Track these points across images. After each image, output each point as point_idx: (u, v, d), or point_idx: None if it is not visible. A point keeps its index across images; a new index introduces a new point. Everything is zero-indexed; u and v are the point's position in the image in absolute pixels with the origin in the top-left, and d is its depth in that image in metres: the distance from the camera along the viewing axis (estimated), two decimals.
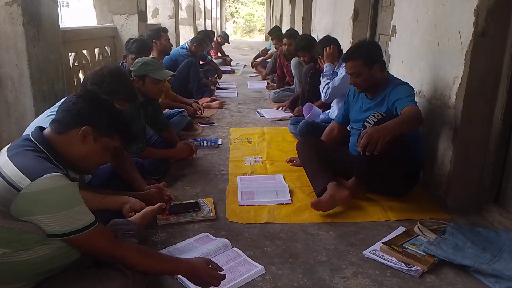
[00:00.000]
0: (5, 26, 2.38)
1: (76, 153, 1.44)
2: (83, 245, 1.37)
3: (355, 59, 2.47)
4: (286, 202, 2.48)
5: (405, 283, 1.76)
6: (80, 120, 1.43)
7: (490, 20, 2.14)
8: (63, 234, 1.29)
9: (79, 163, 1.47)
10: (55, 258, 1.36)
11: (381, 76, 2.50)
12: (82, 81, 2.12)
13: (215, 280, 1.55)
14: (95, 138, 1.45)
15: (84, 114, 1.44)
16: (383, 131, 2.08)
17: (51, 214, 1.25)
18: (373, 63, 2.46)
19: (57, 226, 1.27)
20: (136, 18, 4.90)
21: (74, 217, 1.29)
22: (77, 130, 1.42)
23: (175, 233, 2.13)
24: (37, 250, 1.30)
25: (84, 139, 1.43)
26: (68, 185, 1.30)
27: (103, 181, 2.28)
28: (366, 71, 2.46)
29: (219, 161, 3.22)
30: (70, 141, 1.43)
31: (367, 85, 2.52)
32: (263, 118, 4.62)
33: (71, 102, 1.46)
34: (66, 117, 1.44)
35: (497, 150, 2.30)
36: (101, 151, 1.50)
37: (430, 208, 2.45)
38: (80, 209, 1.32)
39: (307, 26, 8.17)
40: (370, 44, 2.54)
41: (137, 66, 2.81)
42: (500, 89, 2.24)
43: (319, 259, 1.92)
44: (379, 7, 4.27)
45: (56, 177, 1.27)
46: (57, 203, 1.27)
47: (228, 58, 9.56)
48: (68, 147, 1.43)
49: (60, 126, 1.44)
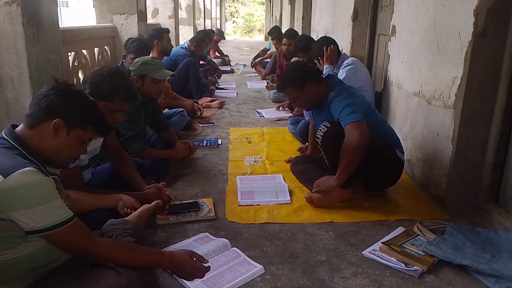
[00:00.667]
0: (5, 26, 2.38)
1: (49, 147, 1.40)
2: (61, 242, 1.34)
3: (285, 88, 2.59)
4: (286, 202, 2.48)
5: (404, 283, 1.76)
6: (51, 113, 1.39)
7: (489, 20, 2.14)
8: (39, 230, 1.26)
9: (53, 157, 1.43)
10: (42, 255, 1.35)
11: (319, 90, 2.53)
12: (81, 81, 2.11)
13: (198, 272, 1.55)
14: (68, 130, 1.42)
15: (54, 106, 1.40)
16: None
17: (25, 210, 1.23)
18: (303, 84, 2.51)
19: (32, 222, 1.25)
20: (135, 18, 4.90)
21: (49, 212, 1.27)
22: (49, 123, 1.38)
23: (175, 233, 2.13)
24: (22, 248, 1.29)
25: (56, 132, 1.40)
26: (42, 180, 1.28)
27: (103, 181, 2.28)
28: (299, 94, 2.55)
29: (218, 161, 3.22)
30: (42, 135, 1.39)
31: (309, 105, 2.64)
32: (262, 118, 4.62)
33: (42, 95, 1.42)
34: (37, 111, 1.40)
35: (496, 150, 2.30)
36: (75, 144, 1.46)
37: (430, 208, 2.45)
38: (55, 204, 1.29)
39: (307, 26, 8.17)
40: (292, 69, 2.63)
41: (136, 66, 2.81)
42: (499, 89, 2.24)
43: (318, 259, 1.92)
44: (379, 7, 4.27)
45: (29, 172, 1.25)
46: (31, 198, 1.24)
47: (227, 58, 9.56)
48: (41, 141, 1.39)
49: (32, 120, 1.40)
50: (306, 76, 2.54)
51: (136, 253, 1.48)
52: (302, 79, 2.52)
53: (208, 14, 16.84)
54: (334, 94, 2.44)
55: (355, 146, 2.23)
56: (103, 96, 1.98)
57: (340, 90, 2.46)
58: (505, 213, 2.25)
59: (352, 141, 2.24)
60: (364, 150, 2.24)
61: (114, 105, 2.02)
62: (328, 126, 2.40)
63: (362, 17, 4.52)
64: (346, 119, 2.30)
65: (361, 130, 2.25)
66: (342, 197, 2.40)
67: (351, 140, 2.25)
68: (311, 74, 2.56)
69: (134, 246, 1.55)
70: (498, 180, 2.35)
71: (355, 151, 2.24)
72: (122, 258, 1.44)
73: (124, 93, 2.07)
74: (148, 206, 1.97)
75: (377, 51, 4.30)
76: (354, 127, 2.27)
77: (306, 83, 2.51)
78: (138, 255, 1.49)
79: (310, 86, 2.51)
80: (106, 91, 1.99)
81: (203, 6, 14.45)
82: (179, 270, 1.55)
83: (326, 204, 2.37)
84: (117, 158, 2.30)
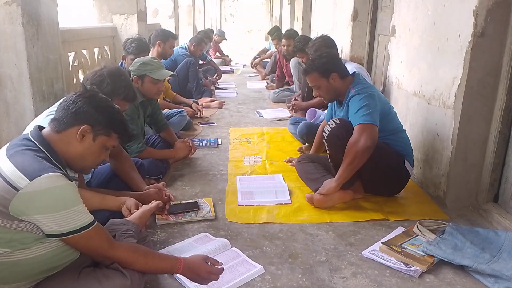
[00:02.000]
0: (5, 25, 2.38)
1: (74, 151, 1.44)
2: (80, 245, 1.37)
3: (311, 72, 2.54)
4: (286, 202, 2.48)
5: (404, 283, 1.76)
6: (79, 119, 1.43)
7: (489, 21, 2.15)
8: (61, 234, 1.29)
9: (77, 162, 1.47)
10: (54, 257, 1.36)
11: (342, 84, 2.51)
12: (81, 81, 2.11)
13: (213, 275, 1.56)
14: (94, 137, 1.46)
15: (83, 113, 1.44)
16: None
17: (49, 214, 1.25)
18: (329, 73, 2.48)
19: (55, 226, 1.27)
20: (135, 18, 4.90)
21: (72, 217, 1.29)
22: (76, 129, 1.43)
23: (174, 233, 2.13)
24: (36, 249, 1.30)
25: (83, 138, 1.44)
26: (67, 185, 1.30)
27: (102, 181, 2.28)
28: (324, 82, 2.51)
29: (218, 161, 3.22)
30: (68, 140, 1.43)
31: (330, 95, 2.59)
32: (262, 118, 4.62)
33: (70, 101, 1.46)
34: (65, 116, 1.44)
35: (496, 150, 2.30)
36: (99, 150, 1.50)
37: (429, 208, 2.45)
38: (78, 209, 1.32)
39: (307, 26, 8.17)
40: (324, 56, 2.58)
41: (136, 66, 2.80)
42: (499, 89, 2.24)
43: (318, 259, 1.92)
44: (379, 7, 4.27)
45: (54, 176, 1.27)
46: (55, 202, 1.27)
47: (228, 58, 9.56)
48: (67, 145, 1.43)
49: (59, 125, 1.44)
50: (334, 66, 2.52)
51: (152, 259, 1.50)
52: (330, 67, 2.49)
53: (208, 14, 16.84)
54: (355, 92, 2.42)
55: (360, 148, 2.22)
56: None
57: (361, 88, 2.43)
58: (504, 213, 2.25)
59: (358, 142, 2.23)
60: (368, 153, 2.23)
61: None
62: (337, 122, 2.39)
63: (362, 17, 4.52)
64: (359, 119, 2.29)
65: (370, 134, 2.24)
66: (342, 199, 2.39)
67: (357, 141, 2.23)
68: (339, 66, 2.54)
69: (150, 252, 1.56)
70: (498, 180, 2.35)
71: (359, 153, 2.23)
72: (138, 264, 1.45)
73: (125, 93, 2.07)
74: (149, 207, 1.97)
75: (377, 51, 4.31)
76: (364, 129, 2.25)
77: (333, 73, 2.49)
78: (154, 261, 1.50)
79: (336, 77, 2.49)
80: (106, 91, 1.98)
81: (203, 6, 14.44)
82: (194, 275, 1.56)
83: (326, 205, 2.37)
84: (117, 158, 2.30)
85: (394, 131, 2.49)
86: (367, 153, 2.23)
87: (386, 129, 2.42)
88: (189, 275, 1.56)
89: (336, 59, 2.63)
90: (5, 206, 1.23)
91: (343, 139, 2.32)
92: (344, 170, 2.30)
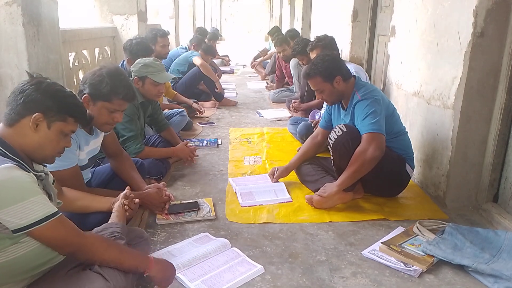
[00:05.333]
0: (5, 26, 2.38)
1: (31, 142, 1.38)
2: (48, 237, 1.32)
3: (314, 76, 2.48)
4: (287, 201, 2.49)
5: (404, 283, 1.76)
6: (29, 108, 1.35)
7: (489, 21, 2.15)
8: (24, 226, 1.24)
9: (37, 153, 1.40)
10: (35, 256, 1.34)
11: (346, 87, 2.47)
12: (81, 81, 2.11)
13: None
14: (48, 124, 1.39)
15: (31, 101, 1.36)
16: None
17: (7, 208, 1.21)
18: (333, 77, 2.43)
19: (16, 219, 1.22)
20: (136, 18, 4.90)
21: (32, 208, 1.25)
22: (28, 119, 1.35)
23: (175, 233, 2.13)
24: (13, 250, 1.28)
25: (36, 127, 1.37)
26: (21, 175, 1.25)
27: (103, 181, 2.29)
28: (327, 86, 2.46)
29: (218, 161, 3.22)
30: (23, 131, 1.36)
31: (334, 99, 2.53)
32: (262, 118, 4.62)
33: (18, 91, 1.38)
34: (15, 108, 1.36)
35: (496, 150, 2.30)
36: (57, 137, 1.42)
37: (429, 208, 2.45)
38: (37, 199, 1.27)
39: (307, 26, 8.17)
40: (326, 59, 2.50)
41: (137, 67, 2.81)
42: (499, 89, 2.24)
43: (318, 259, 1.92)
44: (379, 7, 4.27)
45: (5, 168, 1.23)
46: (11, 195, 1.22)
47: (227, 58, 9.55)
48: (23, 138, 1.37)
49: (10, 118, 1.37)
50: (338, 69, 2.47)
51: (122, 253, 1.46)
52: (333, 71, 2.45)
53: (208, 14, 16.85)
54: (361, 96, 2.38)
55: (368, 158, 2.22)
56: (103, 96, 1.99)
57: (367, 93, 2.39)
58: (504, 213, 2.25)
59: (366, 152, 2.23)
60: (375, 163, 2.23)
61: (114, 105, 2.02)
62: (344, 130, 2.35)
63: (361, 17, 4.52)
64: (367, 127, 2.28)
65: (378, 143, 2.24)
66: (342, 200, 2.39)
67: (366, 151, 2.23)
68: (342, 69, 2.50)
69: (122, 245, 1.53)
70: (497, 180, 2.35)
71: (366, 162, 2.23)
72: (108, 253, 1.41)
73: (124, 93, 2.07)
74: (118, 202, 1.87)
75: (377, 51, 4.31)
76: (372, 138, 2.25)
77: (336, 76, 2.44)
78: (124, 252, 1.47)
79: (340, 80, 2.45)
80: (105, 91, 1.99)
81: (203, 6, 14.46)
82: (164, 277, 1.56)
83: (326, 206, 2.37)
84: (116, 158, 2.31)
85: (397, 134, 2.48)
86: (374, 163, 2.23)
87: (390, 131, 2.40)
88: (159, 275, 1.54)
89: (339, 61, 2.57)
90: None
91: (349, 147, 2.31)
92: (348, 177, 2.29)
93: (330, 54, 2.63)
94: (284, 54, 5.54)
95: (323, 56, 2.56)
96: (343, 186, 2.33)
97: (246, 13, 26.63)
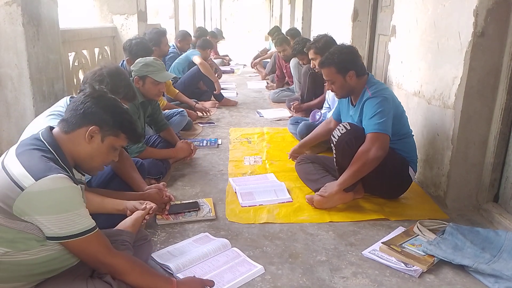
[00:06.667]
0: (5, 26, 2.38)
1: (83, 152, 1.44)
2: (79, 250, 1.34)
3: (328, 66, 2.45)
4: (287, 201, 2.49)
5: (404, 283, 1.76)
6: (87, 120, 1.42)
7: (489, 20, 2.15)
8: (61, 237, 1.28)
9: (86, 163, 1.47)
10: (55, 260, 1.35)
11: (358, 83, 2.44)
12: (81, 81, 2.11)
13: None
14: (102, 137, 1.45)
15: (91, 113, 1.43)
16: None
17: (50, 216, 1.25)
18: (347, 71, 2.41)
19: (56, 228, 1.26)
20: (135, 18, 4.90)
21: (74, 220, 1.28)
22: (84, 129, 1.42)
23: (175, 233, 2.13)
24: (37, 251, 1.30)
25: (91, 139, 1.43)
26: (71, 187, 1.29)
27: (103, 181, 2.28)
28: (340, 78, 2.43)
29: (218, 161, 3.22)
30: (77, 140, 1.43)
31: (343, 92, 2.51)
32: (262, 118, 4.62)
33: (79, 101, 1.45)
34: (74, 117, 1.43)
35: (496, 150, 2.30)
36: (107, 151, 1.49)
37: (430, 208, 2.45)
38: (80, 212, 1.31)
39: (307, 26, 8.17)
40: (344, 51, 2.47)
41: (138, 66, 2.80)
42: (499, 89, 2.24)
43: (318, 259, 1.92)
44: (379, 7, 4.27)
45: (59, 178, 1.27)
46: (58, 204, 1.26)
47: (227, 58, 9.55)
48: (76, 146, 1.43)
49: (68, 126, 1.43)
50: (353, 63, 2.45)
51: (146, 272, 1.47)
52: (349, 65, 2.42)
53: (208, 14, 16.85)
54: (372, 94, 2.36)
55: (370, 158, 2.22)
56: None
57: (377, 91, 2.38)
58: (504, 213, 2.25)
59: (369, 152, 2.22)
60: (377, 163, 2.23)
61: None
62: (348, 128, 2.35)
63: (362, 17, 4.52)
64: (372, 127, 2.27)
65: (382, 144, 2.23)
66: (343, 200, 2.39)
67: (369, 150, 2.23)
68: (357, 64, 2.47)
69: (145, 265, 1.54)
70: (498, 180, 2.35)
71: (368, 162, 2.23)
72: (134, 273, 1.42)
73: (124, 92, 2.07)
74: (142, 214, 1.89)
75: (377, 51, 4.30)
76: (376, 138, 2.24)
77: (350, 70, 2.41)
78: (148, 274, 1.47)
79: (353, 75, 2.42)
80: (105, 91, 1.98)
81: (203, 6, 14.45)
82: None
83: (326, 206, 2.37)
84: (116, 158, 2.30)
85: (403, 136, 2.46)
86: (376, 163, 2.23)
87: (397, 133, 2.38)
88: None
89: (356, 55, 2.51)
90: (9, 205, 1.22)
91: (352, 146, 2.30)
92: (349, 176, 2.29)
93: (348, 47, 2.58)
94: (285, 54, 5.55)
95: (341, 48, 2.53)
96: (344, 185, 2.32)
97: (246, 13, 26.63)
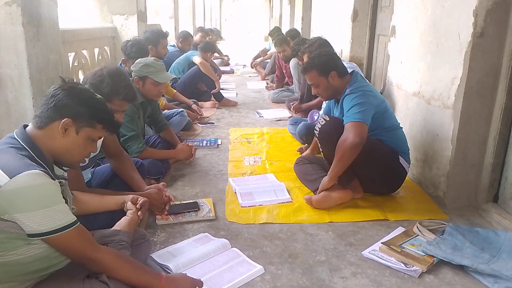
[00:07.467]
0: (5, 26, 2.38)
1: (59, 146, 1.40)
2: (62, 246, 1.33)
3: (310, 70, 2.55)
4: (287, 201, 2.49)
5: (404, 283, 1.76)
6: (59, 113, 1.38)
7: (489, 21, 2.15)
8: (41, 233, 1.26)
9: (63, 157, 1.43)
10: (44, 258, 1.34)
11: (341, 83, 2.52)
12: (81, 81, 2.12)
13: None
14: (77, 129, 1.41)
15: (62, 106, 1.39)
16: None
17: (29, 212, 1.23)
18: (328, 71, 2.49)
19: (35, 225, 1.24)
20: (135, 19, 4.91)
21: (53, 216, 1.26)
22: (58, 123, 1.38)
23: (175, 233, 2.13)
24: (24, 250, 1.29)
25: (65, 132, 1.39)
26: (48, 183, 1.27)
27: (103, 181, 2.29)
28: (323, 80, 2.52)
29: (218, 161, 3.22)
30: (52, 135, 1.39)
31: (328, 94, 2.60)
32: (262, 118, 4.62)
33: (49, 95, 1.41)
34: (45, 111, 1.39)
35: (496, 151, 2.30)
36: (85, 143, 1.45)
37: (429, 208, 2.45)
38: (59, 208, 1.29)
39: (307, 26, 8.17)
40: (323, 54, 2.60)
41: (138, 67, 2.81)
42: (499, 90, 2.24)
43: (318, 259, 1.92)
44: (379, 7, 4.27)
45: (35, 174, 1.24)
46: (35, 201, 1.24)
47: (227, 58, 9.55)
48: (51, 141, 1.39)
49: (41, 121, 1.39)
50: (334, 64, 2.54)
51: (134, 268, 1.46)
52: (329, 66, 2.51)
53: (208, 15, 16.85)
54: (350, 90, 2.44)
55: (347, 145, 2.26)
56: (103, 96, 1.98)
57: (356, 87, 2.44)
58: (504, 213, 2.25)
59: (346, 140, 2.28)
60: (357, 150, 2.26)
61: (114, 105, 2.02)
62: (327, 119, 2.47)
63: (361, 17, 4.53)
64: (350, 117, 2.33)
65: (358, 131, 2.27)
66: (342, 199, 2.40)
67: (346, 138, 2.28)
68: (338, 65, 2.56)
69: (134, 260, 1.52)
70: (498, 180, 2.35)
71: (346, 150, 2.27)
72: (120, 269, 1.41)
73: (124, 93, 2.07)
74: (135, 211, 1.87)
75: (377, 51, 4.31)
76: (353, 126, 2.29)
77: (332, 71, 2.50)
78: (136, 270, 1.46)
79: (335, 75, 2.50)
80: (106, 91, 1.99)
81: (203, 6, 14.46)
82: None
83: (325, 206, 2.38)
84: (117, 159, 2.30)
85: (389, 128, 2.51)
86: (356, 150, 2.27)
87: (382, 126, 2.46)
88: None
89: (335, 57, 2.66)
90: None
91: (333, 135, 2.38)
92: (335, 166, 2.35)
93: (327, 50, 2.71)
94: (284, 54, 5.55)
95: (320, 52, 2.66)
96: (333, 174, 2.37)
97: (246, 13, 26.63)
